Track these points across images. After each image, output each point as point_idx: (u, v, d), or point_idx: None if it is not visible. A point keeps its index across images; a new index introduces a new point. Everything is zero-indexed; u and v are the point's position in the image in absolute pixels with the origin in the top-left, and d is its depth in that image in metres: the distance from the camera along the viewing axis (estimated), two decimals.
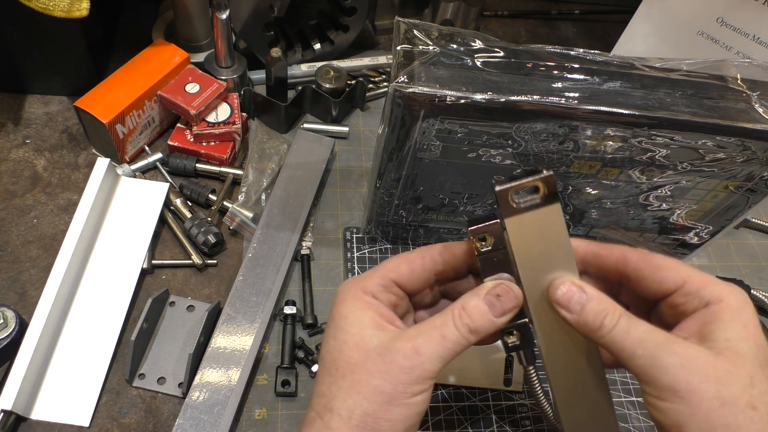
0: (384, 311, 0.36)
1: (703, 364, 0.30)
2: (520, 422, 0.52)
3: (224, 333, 0.51)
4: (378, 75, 0.76)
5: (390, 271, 0.37)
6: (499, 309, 0.34)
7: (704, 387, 0.29)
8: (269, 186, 0.63)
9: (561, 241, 0.35)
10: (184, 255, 0.58)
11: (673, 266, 0.34)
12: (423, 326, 0.34)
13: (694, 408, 0.29)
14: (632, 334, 0.32)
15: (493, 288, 0.35)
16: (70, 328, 0.52)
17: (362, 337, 0.34)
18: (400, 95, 0.42)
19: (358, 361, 0.33)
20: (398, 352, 0.32)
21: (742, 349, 0.31)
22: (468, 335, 0.33)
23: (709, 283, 0.33)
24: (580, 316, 0.33)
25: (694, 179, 0.50)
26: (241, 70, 0.68)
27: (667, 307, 0.35)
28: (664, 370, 0.30)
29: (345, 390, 0.33)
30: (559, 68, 0.44)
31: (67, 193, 0.61)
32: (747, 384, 0.30)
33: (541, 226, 0.34)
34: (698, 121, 0.44)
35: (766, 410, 0.29)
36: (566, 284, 0.34)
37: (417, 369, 0.32)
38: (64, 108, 0.67)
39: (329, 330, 0.36)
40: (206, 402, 0.48)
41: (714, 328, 0.32)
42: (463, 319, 0.33)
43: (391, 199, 0.54)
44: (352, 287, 0.37)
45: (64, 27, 0.57)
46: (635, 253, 0.36)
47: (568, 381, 0.37)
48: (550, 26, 0.90)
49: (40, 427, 0.48)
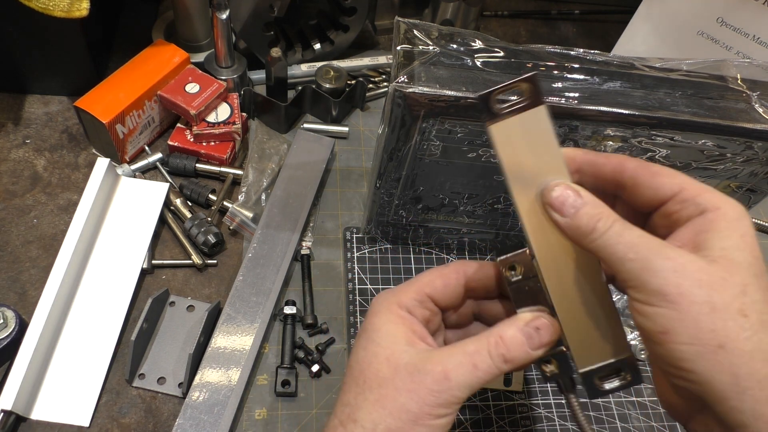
0: (417, 327, 0.35)
1: (695, 270, 0.29)
2: (520, 422, 0.52)
3: (224, 333, 0.51)
4: (378, 75, 0.76)
5: (425, 285, 0.37)
6: (537, 342, 0.34)
7: (695, 291, 0.28)
8: (269, 186, 0.63)
9: (550, 145, 0.33)
10: (184, 255, 0.58)
11: (670, 173, 0.33)
12: (455, 350, 0.33)
13: (682, 312, 0.28)
14: (625, 238, 0.30)
15: (532, 320, 0.34)
16: (70, 328, 0.52)
17: (393, 351, 0.34)
18: (400, 95, 0.42)
19: (387, 376, 0.33)
20: (428, 374, 0.32)
21: (738, 258, 0.29)
22: (501, 365, 0.33)
23: (706, 191, 0.32)
24: (573, 220, 0.32)
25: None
26: (241, 70, 0.68)
27: (661, 216, 0.34)
28: (655, 273, 0.29)
29: (371, 403, 0.33)
30: (559, 68, 0.44)
31: (67, 193, 0.61)
32: (739, 292, 0.29)
33: (528, 130, 0.33)
34: (698, 121, 0.44)
35: (757, 318, 0.28)
36: (561, 186, 0.32)
37: (444, 394, 0.32)
38: (64, 108, 0.67)
39: (360, 340, 0.36)
40: (206, 402, 0.48)
41: (709, 237, 0.30)
42: (499, 349, 0.33)
43: (391, 199, 0.54)
44: (386, 300, 0.36)
45: (64, 27, 0.57)
46: (632, 160, 0.34)
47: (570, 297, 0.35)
48: (550, 26, 0.90)
49: (40, 427, 0.48)
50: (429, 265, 0.60)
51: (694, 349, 0.28)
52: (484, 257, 0.62)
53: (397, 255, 0.61)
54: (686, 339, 0.28)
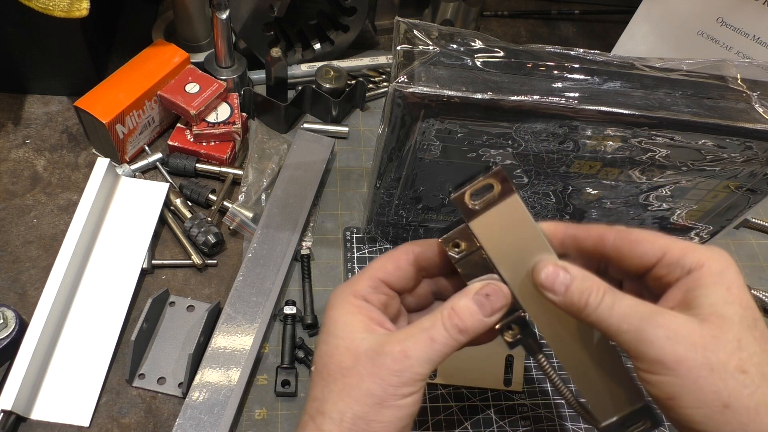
0: (374, 314, 0.36)
1: (688, 333, 0.30)
2: (520, 422, 0.52)
3: (224, 333, 0.51)
4: (378, 75, 0.76)
5: (377, 270, 0.37)
6: (489, 308, 0.34)
7: (691, 356, 0.29)
8: (269, 186, 0.63)
9: (529, 228, 0.35)
10: (184, 255, 0.58)
11: (651, 239, 0.34)
12: (412, 328, 0.34)
13: (683, 378, 0.29)
14: (617, 310, 0.31)
15: (482, 288, 0.35)
16: (70, 328, 0.52)
17: (353, 340, 0.34)
18: (400, 95, 0.42)
19: (349, 365, 0.33)
20: (387, 355, 0.33)
21: (728, 312, 0.30)
22: (458, 336, 0.33)
23: (688, 250, 0.32)
24: (565, 297, 0.33)
25: (694, 179, 0.50)
26: (241, 70, 0.68)
27: (651, 279, 0.34)
28: (650, 344, 0.30)
29: (336, 393, 0.33)
30: (559, 68, 0.44)
31: (67, 193, 0.61)
32: (735, 348, 0.29)
33: (506, 219, 0.35)
34: (698, 121, 0.44)
35: (756, 372, 0.29)
36: (549, 267, 0.34)
37: (406, 372, 0.32)
38: (64, 108, 0.67)
39: (321, 335, 0.36)
40: (206, 402, 0.48)
41: (697, 295, 0.31)
42: (452, 320, 0.33)
43: (391, 199, 0.54)
44: (342, 291, 0.37)
45: (64, 27, 0.57)
46: (612, 231, 0.35)
47: (577, 358, 0.36)
48: (550, 26, 0.90)
49: (40, 427, 0.48)
50: None
51: (702, 411, 0.29)
52: None
53: None
54: (692, 403, 0.29)
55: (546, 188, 0.52)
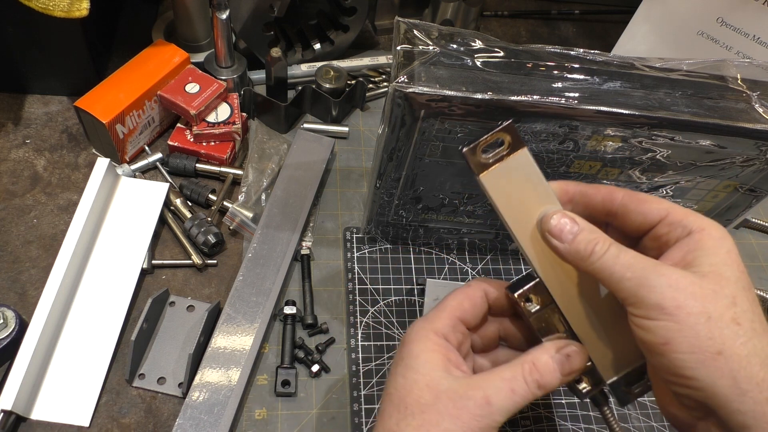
0: (452, 355, 0.37)
1: (689, 284, 0.31)
2: (520, 422, 0.52)
3: (224, 333, 0.51)
4: (378, 75, 0.76)
5: (455, 309, 0.39)
6: (569, 368, 0.35)
7: (691, 303, 0.31)
8: (269, 186, 0.63)
9: (539, 181, 0.36)
10: (184, 255, 0.58)
11: (656, 200, 0.36)
12: (492, 376, 0.35)
13: (681, 323, 0.30)
14: (621, 259, 0.33)
15: (563, 348, 0.36)
16: (70, 328, 0.52)
17: (432, 378, 0.35)
18: (400, 95, 0.42)
19: (428, 402, 0.34)
20: (470, 399, 0.34)
21: (726, 272, 0.32)
22: (536, 390, 0.34)
23: (690, 214, 0.35)
24: (572, 245, 0.34)
25: (694, 179, 0.50)
26: (241, 70, 0.68)
27: (651, 239, 0.36)
28: (652, 289, 0.31)
29: (414, 428, 0.34)
30: (559, 68, 0.44)
31: (67, 193, 0.61)
32: (730, 303, 0.31)
33: (516, 173, 0.36)
34: (698, 121, 0.44)
35: (749, 326, 0.31)
36: (558, 215, 0.35)
37: (487, 419, 0.33)
38: (64, 108, 0.67)
39: (398, 368, 0.37)
40: (206, 402, 0.48)
41: (698, 255, 0.33)
42: (533, 375, 0.34)
43: (391, 199, 0.54)
44: (422, 328, 0.38)
45: (64, 27, 0.57)
46: (620, 190, 0.37)
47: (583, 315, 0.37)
48: (550, 26, 0.90)
49: (40, 427, 0.48)
50: (429, 265, 0.60)
51: (695, 357, 0.30)
52: (484, 257, 0.62)
53: (397, 255, 0.61)
54: (686, 348, 0.30)
55: None
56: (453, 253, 0.62)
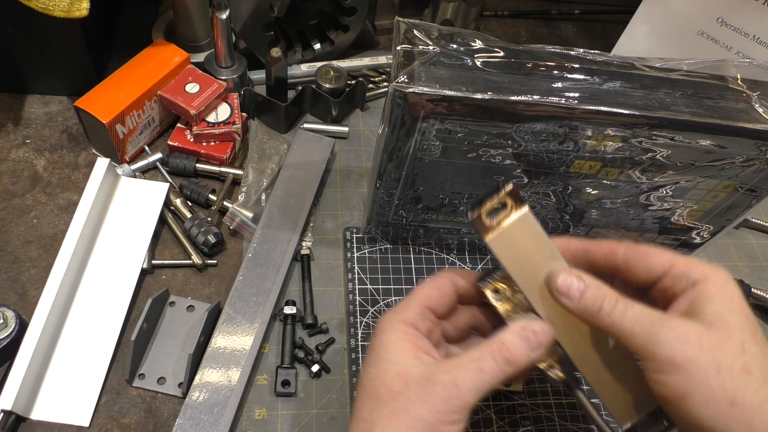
0: (421, 342, 0.37)
1: (697, 335, 0.32)
2: (520, 422, 0.52)
3: (224, 333, 0.51)
4: (378, 75, 0.76)
5: (423, 298, 0.39)
6: (535, 343, 0.36)
7: (700, 356, 0.31)
8: (269, 186, 0.63)
9: (542, 240, 0.37)
10: (184, 255, 0.58)
11: (658, 253, 0.37)
12: (461, 359, 0.35)
13: (692, 376, 0.31)
14: (629, 314, 0.34)
15: (528, 325, 0.36)
16: (70, 328, 0.52)
17: (403, 366, 0.36)
18: (400, 95, 0.42)
19: (399, 389, 0.35)
20: (438, 383, 0.34)
21: (732, 319, 0.33)
22: (505, 367, 0.35)
23: (693, 264, 0.35)
24: (579, 303, 0.35)
25: (694, 179, 0.50)
26: (241, 70, 0.68)
27: (657, 292, 0.37)
28: (661, 344, 0.32)
29: (386, 416, 0.34)
30: (559, 68, 0.44)
31: (67, 193, 0.61)
32: (739, 350, 0.32)
33: (520, 233, 0.37)
34: (698, 121, 0.44)
35: (759, 373, 0.31)
36: (564, 273, 0.36)
37: (455, 400, 0.34)
38: (64, 108, 0.67)
39: (370, 359, 0.37)
40: (206, 402, 0.48)
41: (703, 304, 0.33)
42: (501, 353, 0.35)
43: (391, 199, 0.54)
44: (392, 318, 0.38)
45: (64, 27, 0.57)
46: (622, 245, 0.38)
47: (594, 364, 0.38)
48: (550, 26, 0.90)
49: (40, 427, 0.48)
50: (429, 265, 0.60)
51: (710, 409, 0.31)
52: (484, 257, 0.62)
53: (397, 255, 0.61)
54: (701, 400, 0.31)
55: (546, 188, 0.52)
56: (453, 253, 0.62)
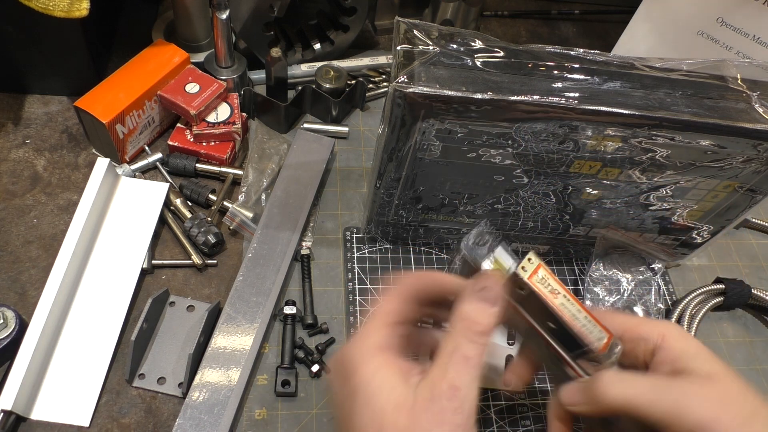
0: (403, 364, 0.34)
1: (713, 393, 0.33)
2: (520, 422, 0.52)
3: (224, 333, 0.51)
4: (378, 75, 0.76)
5: (386, 315, 0.36)
6: (492, 296, 0.34)
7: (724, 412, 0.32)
8: (269, 186, 0.63)
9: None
10: (184, 255, 0.58)
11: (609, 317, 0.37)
12: (441, 359, 0.33)
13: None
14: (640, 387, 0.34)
15: (475, 284, 0.35)
16: (70, 328, 0.52)
17: (397, 397, 0.32)
18: (400, 95, 0.42)
19: (407, 424, 0.31)
20: (441, 396, 0.31)
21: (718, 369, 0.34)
22: (482, 339, 0.33)
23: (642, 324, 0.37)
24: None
25: (694, 179, 0.50)
26: (241, 70, 0.68)
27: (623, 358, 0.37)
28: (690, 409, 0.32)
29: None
30: (559, 68, 0.44)
31: (67, 193, 0.61)
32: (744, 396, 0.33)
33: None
34: (698, 121, 0.44)
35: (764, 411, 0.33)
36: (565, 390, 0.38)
37: (465, 403, 0.31)
38: (64, 108, 0.67)
39: (356, 405, 0.33)
40: (206, 402, 0.48)
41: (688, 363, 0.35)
42: (471, 328, 0.33)
43: (391, 199, 0.54)
44: (359, 350, 0.34)
45: (64, 27, 0.57)
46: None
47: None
48: (550, 26, 0.90)
49: (40, 427, 0.48)
50: (429, 265, 0.60)
51: None
52: None
53: (397, 255, 0.61)
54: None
55: (546, 188, 0.52)
56: (453, 252, 0.62)
